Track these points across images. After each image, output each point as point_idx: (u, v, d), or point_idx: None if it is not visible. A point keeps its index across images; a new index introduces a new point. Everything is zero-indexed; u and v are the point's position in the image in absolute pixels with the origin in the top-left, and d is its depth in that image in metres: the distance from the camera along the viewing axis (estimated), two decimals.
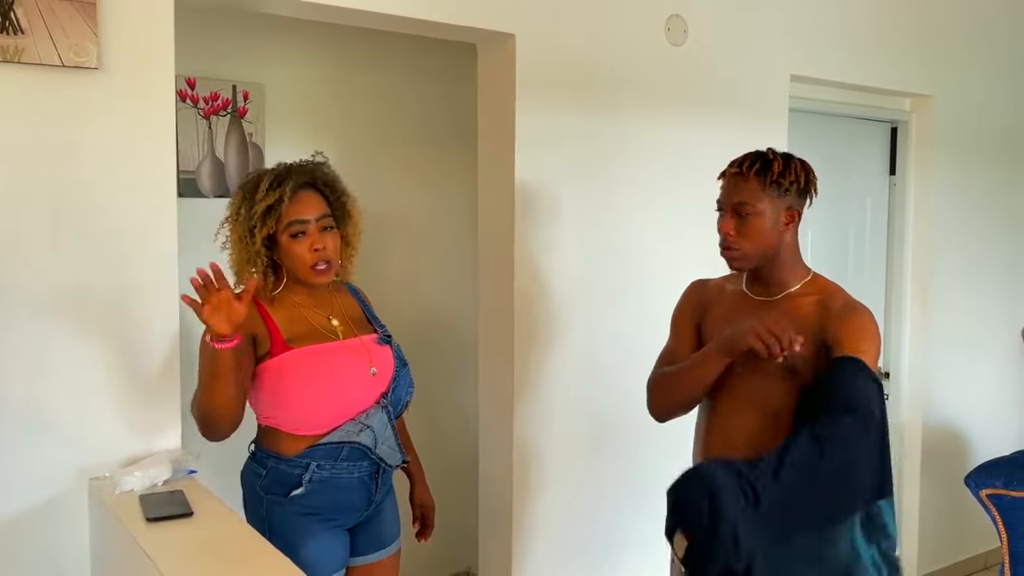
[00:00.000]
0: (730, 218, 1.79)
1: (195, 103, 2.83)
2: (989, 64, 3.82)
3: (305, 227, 1.83)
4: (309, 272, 1.84)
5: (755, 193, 1.76)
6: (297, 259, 1.83)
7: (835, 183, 3.49)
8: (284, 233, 1.82)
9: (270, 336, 1.81)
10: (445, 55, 3.15)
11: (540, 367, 2.61)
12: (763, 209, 1.76)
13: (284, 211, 1.80)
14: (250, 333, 1.78)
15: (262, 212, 1.79)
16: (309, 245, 1.83)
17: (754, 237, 1.77)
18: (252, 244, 1.80)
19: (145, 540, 1.48)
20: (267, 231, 1.80)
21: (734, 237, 1.78)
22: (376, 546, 1.98)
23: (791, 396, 1.73)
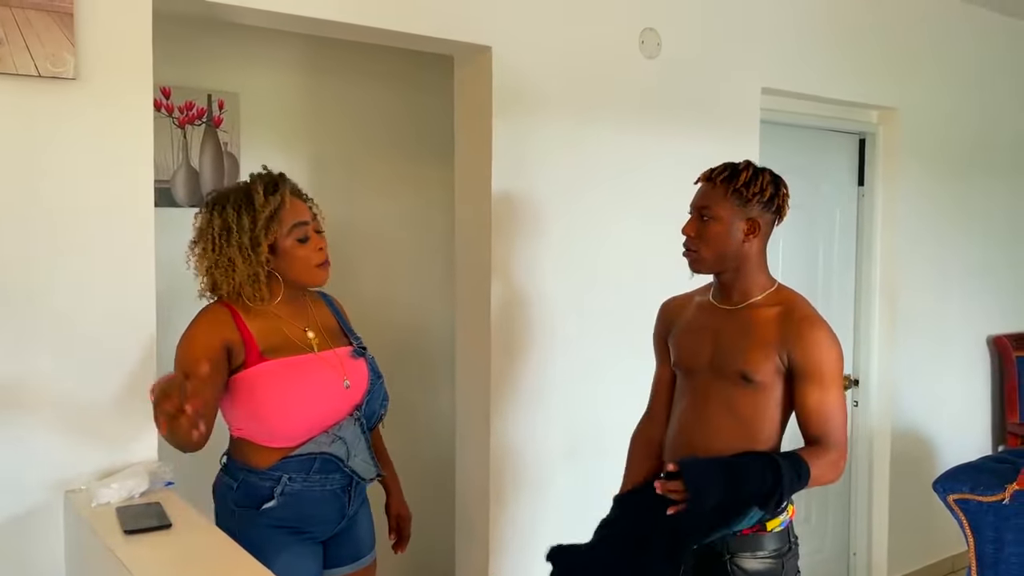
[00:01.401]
0: (693, 221, 1.85)
1: (170, 112, 2.81)
2: (952, 78, 3.91)
3: (307, 229, 1.83)
4: (314, 272, 1.84)
5: (717, 199, 1.81)
6: (303, 261, 1.83)
7: (805, 193, 3.54)
8: (289, 237, 1.81)
9: (245, 347, 1.79)
10: (422, 66, 3.16)
11: (517, 377, 2.63)
12: (722, 215, 1.81)
13: (284, 215, 1.80)
14: (225, 344, 1.77)
15: (266, 220, 1.78)
16: (314, 246, 1.84)
17: (711, 241, 1.82)
18: (257, 256, 1.78)
19: (123, 553, 1.47)
20: (272, 238, 1.79)
21: (693, 239, 1.85)
22: (350, 558, 1.97)
23: (756, 402, 1.80)
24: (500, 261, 2.57)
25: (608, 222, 2.78)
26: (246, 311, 1.82)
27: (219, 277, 1.79)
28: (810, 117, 3.52)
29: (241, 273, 1.78)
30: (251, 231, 1.77)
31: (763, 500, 1.71)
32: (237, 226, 1.77)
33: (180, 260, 2.38)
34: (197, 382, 1.49)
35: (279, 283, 1.85)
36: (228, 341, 1.78)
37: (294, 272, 1.84)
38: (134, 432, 1.89)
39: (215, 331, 1.77)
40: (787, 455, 1.76)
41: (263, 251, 1.78)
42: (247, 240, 1.77)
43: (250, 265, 1.78)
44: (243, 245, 1.77)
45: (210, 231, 1.80)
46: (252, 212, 1.78)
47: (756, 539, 1.80)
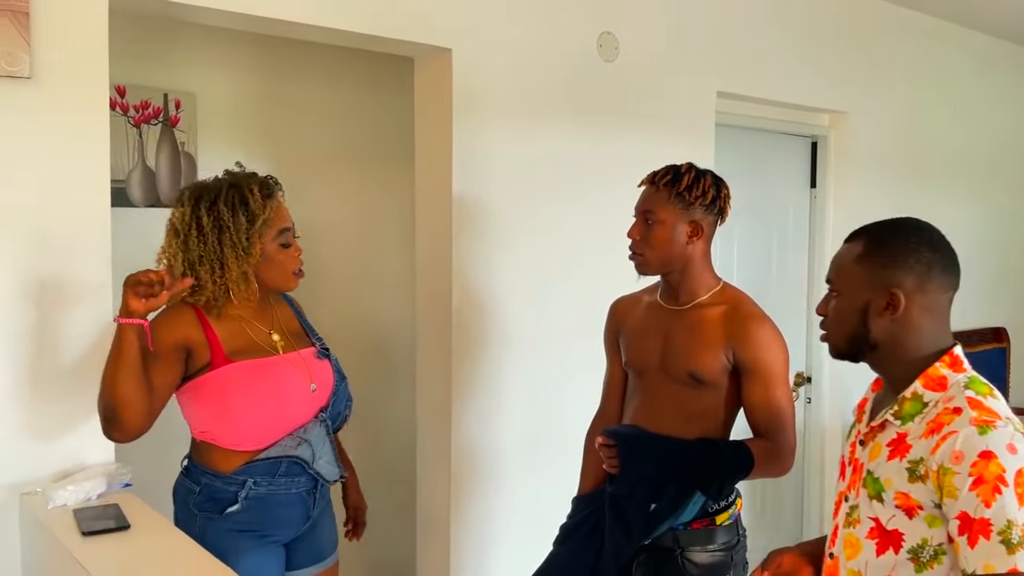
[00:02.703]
0: (638, 224, 1.89)
1: (125, 111, 2.78)
2: (900, 84, 4.02)
3: (290, 236, 1.84)
4: (290, 278, 1.86)
5: (661, 203, 1.86)
6: (282, 267, 1.83)
7: (759, 195, 3.63)
8: (274, 242, 1.81)
9: (210, 348, 1.78)
10: (382, 68, 3.17)
11: (477, 376, 2.65)
12: (666, 219, 1.85)
13: (276, 220, 1.80)
14: (184, 344, 1.75)
15: (262, 223, 1.77)
16: (294, 252, 1.85)
17: (656, 244, 1.86)
18: (250, 257, 1.77)
19: (82, 554, 1.46)
20: (264, 242, 1.78)
21: (639, 242, 1.89)
22: (313, 559, 1.97)
23: (704, 401, 1.85)
24: (460, 261, 2.59)
25: (566, 223, 2.82)
26: (210, 313, 1.80)
27: (205, 275, 1.76)
28: (764, 120, 3.60)
29: (232, 272, 1.76)
30: (247, 232, 1.76)
31: (705, 483, 1.75)
32: (233, 225, 1.75)
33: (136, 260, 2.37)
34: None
35: (253, 287, 1.84)
36: (188, 341, 1.75)
37: (271, 276, 1.84)
38: (90, 434, 1.87)
39: (174, 329, 1.75)
40: (729, 442, 1.82)
41: (256, 253, 1.77)
42: (243, 240, 1.76)
43: (241, 265, 1.77)
44: (238, 245, 1.75)
45: (196, 226, 1.75)
46: (248, 213, 1.76)
47: (706, 533, 1.85)
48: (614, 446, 1.78)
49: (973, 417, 1.20)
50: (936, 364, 1.30)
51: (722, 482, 1.75)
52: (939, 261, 1.32)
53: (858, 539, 1.31)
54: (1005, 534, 1.12)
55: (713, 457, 1.74)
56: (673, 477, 1.76)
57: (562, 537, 1.98)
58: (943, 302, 1.34)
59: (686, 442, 1.79)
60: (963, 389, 1.26)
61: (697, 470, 1.75)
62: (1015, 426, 1.20)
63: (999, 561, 1.12)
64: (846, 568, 1.33)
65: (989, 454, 1.15)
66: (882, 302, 1.31)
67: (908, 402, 1.30)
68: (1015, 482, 1.14)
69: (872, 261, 1.33)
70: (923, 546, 1.23)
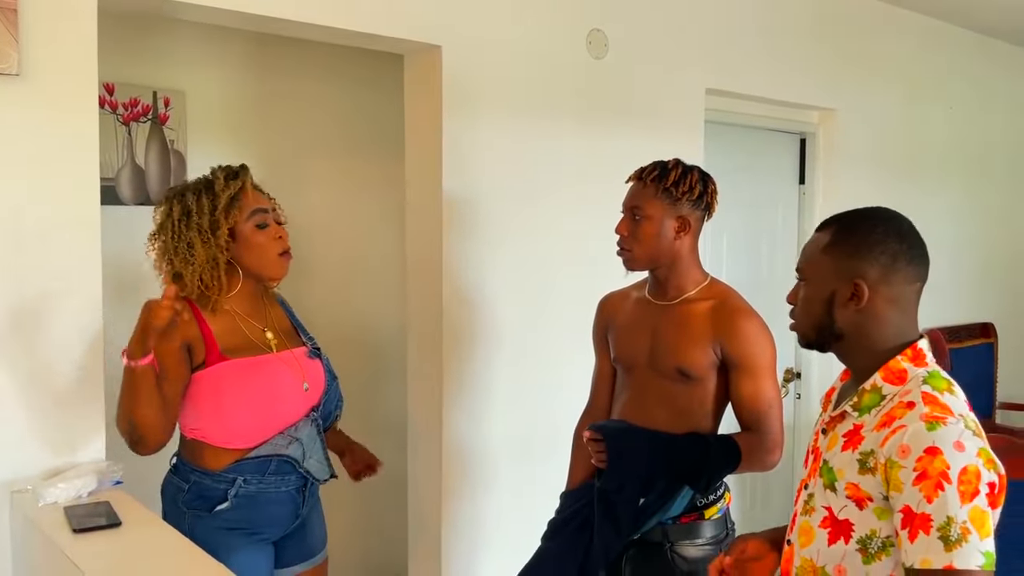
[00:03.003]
0: (626, 220, 1.90)
1: (114, 109, 2.78)
2: (888, 82, 4.05)
3: (267, 217, 1.83)
4: (274, 261, 1.83)
5: (648, 199, 1.87)
6: (262, 249, 1.82)
7: (749, 191, 3.65)
8: (248, 223, 1.80)
9: (206, 345, 1.78)
10: (372, 65, 3.17)
11: (468, 375, 2.66)
12: (653, 214, 1.86)
13: (245, 201, 1.80)
14: (185, 342, 1.76)
15: (226, 202, 1.76)
16: (273, 234, 1.83)
17: (644, 240, 1.87)
18: (216, 239, 1.76)
19: (73, 551, 1.46)
20: (232, 222, 1.77)
21: (627, 238, 1.89)
22: (302, 557, 1.97)
23: (692, 395, 1.86)
24: (451, 259, 2.59)
25: (557, 220, 2.82)
26: (204, 308, 1.81)
27: (179, 264, 1.77)
28: (753, 117, 3.61)
29: (200, 256, 1.76)
30: (211, 213, 1.76)
31: (694, 477, 1.76)
32: (196, 208, 1.76)
33: (127, 258, 2.37)
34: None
35: (238, 275, 1.83)
36: (188, 339, 1.76)
37: (253, 260, 1.82)
38: (81, 432, 1.87)
39: (176, 330, 1.73)
40: (718, 436, 1.83)
41: (223, 234, 1.77)
42: (207, 222, 1.76)
43: (209, 248, 1.76)
44: (203, 227, 1.76)
45: (170, 220, 1.78)
46: (212, 195, 1.77)
47: (695, 527, 1.86)
48: (602, 440, 1.78)
49: (924, 413, 1.20)
50: (898, 357, 1.30)
51: (710, 476, 1.76)
52: (905, 252, 1.32)
53: (812, 527, 1.32)
54: (944, 530, 1.12)
55: (701, 451, 1.75)
56: (661, 471, 1.77)
57: (550, 532, 1.99)
58: (909, 294, 1.33)
59: (674, 436, 1.80)
60: (921, 384, 1.25)
61: (685, 464, 1.76)
62: (967, 423, 1.20)
63: (936, 557, 1.12)
64: (800, 556, 1.34)
65: (935, 450, 1.15)
66: (847, 292, 1.31)
67: (867, 394, 1.30)
68: (959, 479, 1.14)
69: (838, 251, 1.33)
70: (871, 537, 1.24)
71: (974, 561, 1.12)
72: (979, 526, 1.13)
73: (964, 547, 1.12)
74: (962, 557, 1.12)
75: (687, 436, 1.79)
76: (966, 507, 1.13)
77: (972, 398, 1.35)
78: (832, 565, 1.28)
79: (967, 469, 1.14)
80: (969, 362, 4.50)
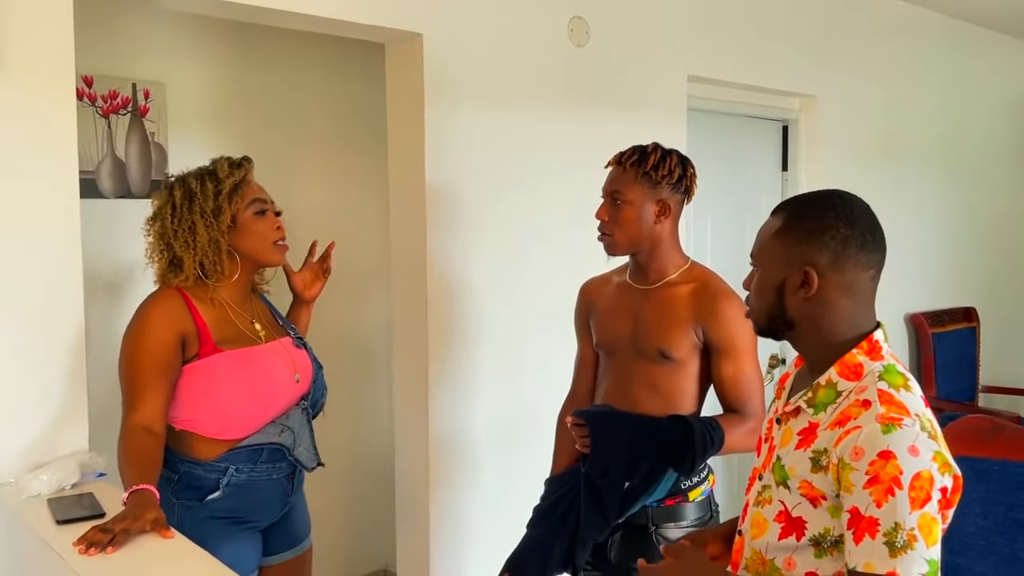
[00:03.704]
0: (606, 205, 1.90)
1: (93, 101, 2.75)
2: (867, 69, 4.07)
3: (266, 205, 1.85)
4: (272, 249, 1.85)
5: (628, 183, 1.87)
6: (261, 236, 1.83)
7: (732, 179, 3.66)
8: (248, 211, 1.82)
9: (200, 337, 1.78)
10: (354, 55, 3.16)
11: (454, 364, 2.66)
12: (633, 199, 1.86)
13: (246, 190, 1.82)
14: (180, 336, 1.75)
15: (230, 188, 1.78)
16: (271, 223, 1.85)
17: (624, 225, 1.87)
18: (219, 224, 1.77)
19: (56, 542, 1.45)
20: (235, 209, 1.79)
21: (607, 223, 1.89)
22: (288, 544, 1.98)
23: (675, 378, 1.87)
24: (435, 249, 2.59)
25: (539, 207, 2.83)
26: (198, 299, 1.80)
27: (180, 248, 1.78)
28: (735, 104, 3.62)
29: (203, 239, 1.77)
30: (215, 198, 1.78)
31: (678, 459, 1.77)
32: (200, 192, 1.78)
33: (109, 251, 2.35)
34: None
35: (236, 263, 1.84)
36: (183, 332, 1.76)
37: (251, 247, 1.83)
38: (63, 423, 1.86)
39: (170, 323, 1.75)
40: (701, 418, 1.84)
41: (225, 219, 1.78)
42: (210, 206, 1.77)
43: (211, 231, 1.77)
44: (205, 211, 1.77)
45: (171, 203, 1.79)
46: (216, 181, 1.80)
47: (679, 509, 1.87)
48: (585, 425, 1.79)
49: (880, 414, 1.16)
50: (853, 351, 1.26)
51: (694, 458, 1.76)
52: (857, 238, 1.25)
53: (765, 519, 1.28)
54: (891, 536, 1.10)
55: (685, 433, 1.76)
56: (645, 454, 1.77)
57: (536, 519, 1.99)
58: (863, 281, 1.27)
59: (657, 419, 1.81)
60: (877, 380, 1.22)
61: (669, 447, 1.76)
62: (923, 425, 1.16)
63: (880, 562, 1.10)
64: (750, 547, 1.32)
65: (888, 454, 1.12)
66: (797, 279, 1.26)
67: (823, 390, 1.26)
68: (910, 485, 1.11)
69: (789, 236, 1.27)
70: (825, 535, 1.21)
71: (916, 569, 1.09)
72: (926, 534, 1.11)
73: (909, 554, 1.09)
74: (905, 564, 1.09)
75: (670, 418, 1.80)
76: (915, 514, 1.10)
77: (955, 382, 1.35)
78: (782, 558, 1.26)
79: (920, 475, 1.11)
80: (952, 346, 4.54)
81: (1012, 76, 5.08)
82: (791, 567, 1.24)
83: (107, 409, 1.90)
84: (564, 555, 1.84)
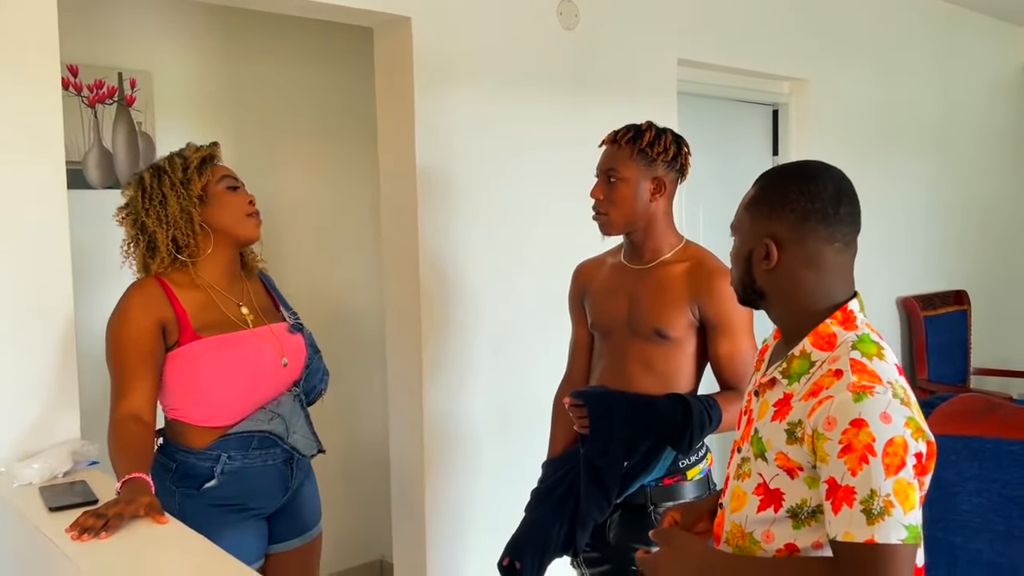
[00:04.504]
0: (600, 184, 1.89)
1: (78, 91, 2.73)
2: (857, 52, 4.07)
3: (237, 183, 1.85)
4: (244, 221, 1.83)
5: (623, 161, 1.85)
6: (233, 208, 1.82)
7: (723, 163, 3.65)
8: (219, 184, 1.81)
9: (179, 324, 1.76)
10: (343, 41, 3.14)
11: (448, 349, 2.64)
12: (629, 176, 1.85)
13: (215, 168, 1.82)
14: (160, 324, 1.74)
15: (198, 162, 1.78)
16: (243, 197, 1.84)
17: (620, 203, 1.86)
18: (188, 193, 1.76)
19: (50, 529, 1.44)
20: (204, 180, 1.78)
21: (602, 202, 1.88)
22: (296, 532, 1.95)
23: (671, 357, 1.86)
24: (427, 236, 2.57)
25: (531, 191, 2.81)
26: (179, 285, 1.79)
27: (152, 223, 1.76)
28: (725, 89, 3.61)
29: (173, 209, 1.75)
30: (183, 171, 1.77)
31: (676, 437, 1.77)
32: (169, 166, 1.78)
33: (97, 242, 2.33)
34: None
35: (209, 238, 1.82)
36: (162, 320, 1.74)
37: (224, 220, 1.81)
38: (54, 412, 1.84)
39: (149, 311, 1.73)
40: (698, 396, 1.83)
41: (195, 190, 1.77)
42: (179, 176, 1.77)
43: (181, 200, 1.76)
44: (175, 182, 1.76)
45: (141, 186, 1.79)
46: (183, 157, 1.80)
47: (677, 488, 1.87)
48: (583, 406, 1.78)
49: (852, 382, 1.16)
50: (827, 321, 1.25)
51: (692, 436, 1.76)
52: (818, 211, 1.24)
53: (745, 492, 1.29)
54: (867, 503, 1.10)
55: (683, 411, 1.76)
56: (644, 433, 1.77)
57: (534, 502, 1.98)
58: (828, 254, 1.25)
59: (655, 398, 1.80)
60: (850, 349, 1.21)
61: (667, 425, 1.76)
62: (895, 392, 1.16)
63: (858, 530, 1.10)
64: (730, 520, 1.32)
65: (861, 422, 1.12)
66: (762, 251, 1.27)
67: (796, 360, 1.26)
68: (884, 451, 1.11)
69: (756, 208, 1.28)
70: (802, 506, 1.21)
71: (896, 535, 1.09)
72: (903, 499, 1.10)
73: (886, 520, 1.09)
74: (883, 531, 1.09)
75: (667, 397, 1.79)
76: (890, 479, 1.10)
77: (946, 364, 1.33)
78: (760, 530, 1.26)
79: (893, 441, 1.11)
80: (943, 329, 4.56)
81: (1003, 60, 5.10)
82: (769, 539, 1.25)
83: (98, 398, 1.87)
84: (564, 537, 1.84)
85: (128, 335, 1.71)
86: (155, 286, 1.77)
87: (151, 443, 1.71)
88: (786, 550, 1.24)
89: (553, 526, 1.86)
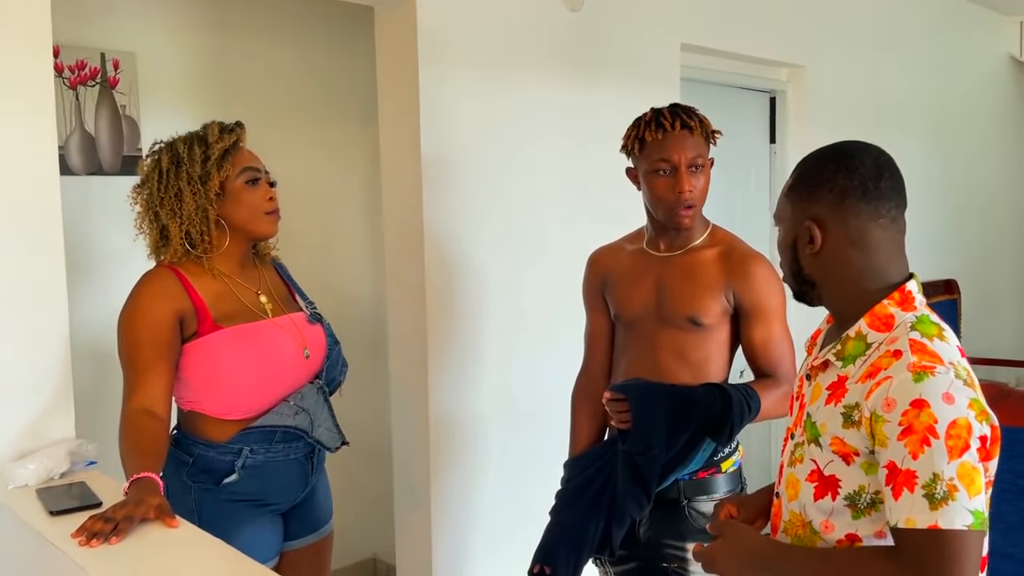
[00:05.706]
0: (686, 176, 1.75)
1: (59, 72, 2.59)
2: (855, 38, 4.05)
3: (259, 174, 1.75)
4: (263, 219, 1.75)
5: (702, 146, 1.78)
6: (252, 206, 1.73)
7: (722, 150, 3.56)
8: (239, 179, 1.71)
9: (197, 315, 1.67)
10: (337, 19, 3.03)
11: (454, 342, 2.56)
12: (706, 162, 1.79)
13: (237, 157, 1.71)
14: (178, 316, 1.65)
15: (219, 155, 1.68)
16: (263, 193, 1.75)
17: (704, 192, 1.80)
18: (206, 191, 1.67)
19: (52, 533, 1.34)
20: (223, 176, 1.68)
21: (693, 194, 1.77)
22: (310, 528, 1.89)
23: (704, 345, 1.79)
24: (432, 222, 2.48)
25: (538, 178, 2.74)
26: (194, 275, 1.70)
27: (165, 216, 1.68)
28: (723, 75, 3.57)
29: (189, 206, 1.67)
30: (203, 164, 1.68)
31: (715, 429, 1.70)
32: (188, 157, 1.68)
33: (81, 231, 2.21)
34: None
35: (225, 233, 1.73)
36: (180, 312, 1.66)
37: (241, 217, 1.73)
38: (49, 409, 1.74)
39: (165, 303, 1.65)
40: (736, 385, 1.76)
41: (213, 186, 1.68)
42: (197, 171, 1.67)
43: (198, 198, 1.67)
44: (192, 177, 1.67)
45: (158, 169, 1.69)
46: (204, 146, 1.69)
47: (711, 481, 1.80)
48: (623, 400, 1.69)
49: (912, 363, 1.11)
50: (884, 301, 1.21)
51: (732, 426, 1.69)
52: (856, 188, 1.20)
53: (798, 479, 1.24)
54: (929, 488, 1.05)
55: (724, 401, 1.69)
56: (684, 426, 1.69)
57: (561, 504, 1.89)
58: (874, 231, 1.21)
59: (693, 388, 1.72)
60: (908, 330, 1.17)
61: (708, 416, 1.68)
62: (958, 372, 1.11)
63: (921, 516, 1.05)
64: (788, 509, 1.27)
65: (922, 403, 1.07)
66: (805, 236, 1.23)
67: (852, 342, 1.21)
68: (946, 434, 1.06)
69: (795, 193, 1.25)
70: (860, 493, 1.16)
71: (960, 521, 1.04)
72: (968, 483, 1.05)
73: (950, 505, 1.04)
74: (947, 516, 1.04)
75: (705, 387, 1.72)
76: (954, 463, 1.05)
77: None
78: (819, 521, 1.21)
79: (956, 422, 1.06)
80: None
81: (997, 49, 5.12)
82: (829, 530, 1.20)
83: (90, 394, 1.79)
84: (600, 537, 1.75)
85: (145, 327, 1.63)
86: (170, 275, 1.69)
87: (164, 439, 1.61)
88: (847, 540, 1.19)
89: (588, 526, 1.77)
